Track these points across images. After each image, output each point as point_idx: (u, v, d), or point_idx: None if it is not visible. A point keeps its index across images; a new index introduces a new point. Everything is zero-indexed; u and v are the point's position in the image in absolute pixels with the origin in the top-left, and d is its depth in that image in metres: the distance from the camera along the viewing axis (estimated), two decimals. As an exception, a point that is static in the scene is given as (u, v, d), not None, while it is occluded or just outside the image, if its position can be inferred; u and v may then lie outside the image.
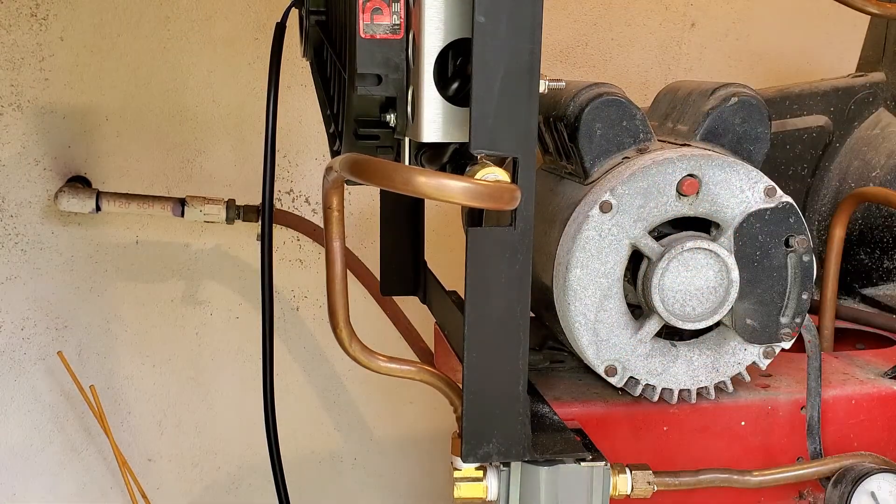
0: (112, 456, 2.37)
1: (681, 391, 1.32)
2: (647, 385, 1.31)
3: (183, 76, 2.42)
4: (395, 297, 2.20)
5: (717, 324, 1.30)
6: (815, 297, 1.58)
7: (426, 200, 1.39)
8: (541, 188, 1.36)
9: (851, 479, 1.27)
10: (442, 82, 1.06)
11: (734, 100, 1.34)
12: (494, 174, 1.01)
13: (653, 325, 1.27)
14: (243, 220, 2.34)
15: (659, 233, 1.28)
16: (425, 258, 1.73)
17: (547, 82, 1.07)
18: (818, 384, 1.33)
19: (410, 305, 2.18)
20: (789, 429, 1.38)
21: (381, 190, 1.58)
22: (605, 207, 1.24)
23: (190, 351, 2.56)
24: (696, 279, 1.25)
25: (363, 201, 2.46)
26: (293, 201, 2.54)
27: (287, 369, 2.59)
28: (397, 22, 1.08)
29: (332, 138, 1.39)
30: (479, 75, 1.01)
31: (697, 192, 1.25)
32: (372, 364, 1.18)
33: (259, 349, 1.84)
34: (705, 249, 1.24)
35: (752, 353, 1.32)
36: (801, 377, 1.38)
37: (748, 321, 1.28)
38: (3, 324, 2.45)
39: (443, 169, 1.14)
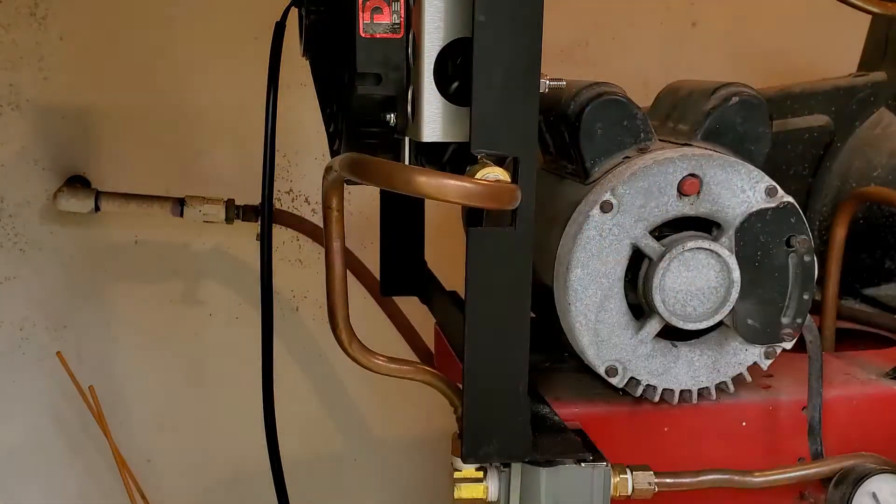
0: (112, 456, 2.37)
1: (682, 392, 1.32)
2: (649, 385, 1.30)
3: (182, 76, 2.42)
4: (395, 297, 2.19)
5: (719, 324, 1.29)
6: (817, 298, 1.58)
7: (426, 200, 1.39)
8: (541, 188, 1.35)
9: (853, 480, 1.27)
10: (442, 82, 1.06)
11: (735, 99, 1.33)
12: (495, 174, 1.01)
13: (654, 326, 1.27)
14: (243, 220, 2.34)
15: (660, 233, 1.28)
16: (425, 258, 1.73)
17: (547, 82, 1.07)
18: (819, 385, 1.33)
19: (410, 305, 2.18)
20: (791, 429, 1.38)
21: (381, 190, 1.57)
22: (606, 207, 1.24)
23: (190, 351, 2.56)
24: (697, 279, 1.25)
25: (363, 201, 2.46)
26: (293, 201, 2.54)
27: (287, 369, 2.59)
28: (397, 21, 1.07)
29: (332, 138, 1.39)
30: (479, 75, 1.01)
31: (698, 192, 1.25)
32: (372, 364, 1.18)
33: (259, 349, 1.84)
34: (706, 249, 1.24)
35: (754, 354, 1.32)
36: (803, 377, 1.37)
37: (749, 321, 1.28)
38: (2, 324, 2.44)
39: (443, 169, 1.14)
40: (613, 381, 1.29)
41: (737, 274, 1.25)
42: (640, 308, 1.30)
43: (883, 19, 1.93)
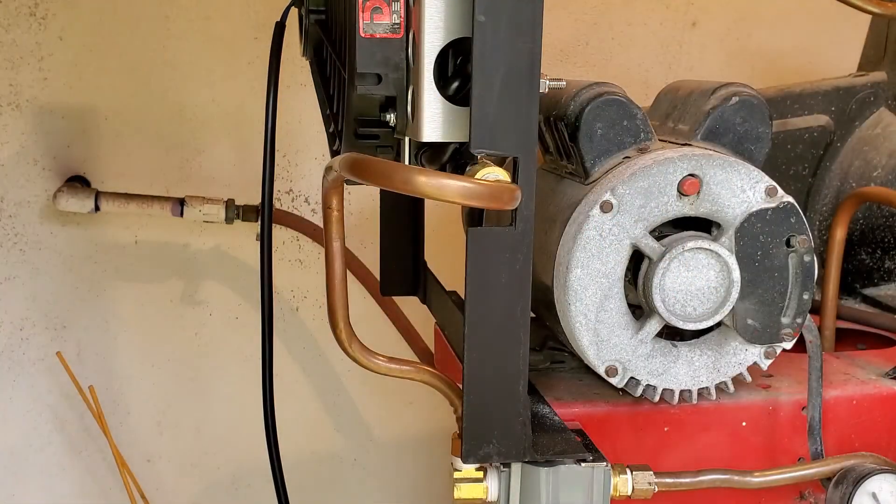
0: (112, 456, 2.37)
1: (682, 391, 1.32)
2: (648, 385, 1.30)
3: (182, 76, 2.42)
4: (395, 297, 2.19)
5: (719, 324, 1.29)
6: (817, 298, 1.58)
7: (426, 200, 1.39)
8: (541, 188, 1.36)
9: (852, 480, 1.26)
10: (442, 82, 1.06)
11: (735, 99, 1.33)
12: (495, 174, 1.01)
13: (654, 326, 1.27)
14: (243, 220, 2.34)
15: (660, 233, 1.28)
16: (425, 258, 1.73)
17: (547, 82, 1.07)
18: (819, 384, 1.33)
19: (410, 305, 2.18)
20: (790, 429, 1.38)
21: (380, 190, 1.57)
22: (606, 207, 1.24)
23: (189, 351, 2.56)
24: (697, 279, 1.25)
25: (363, 201, 2.46)
26: (293, 201, 2.54)
27: (287, 369, 2.59)
28: (397, 21, 1.07)
29: (332, 138, 1.39)
30: (479, 75, 1.01)
31: (698, 192, 1.25)
32: (371, 364, 1.17)
33: (259, 349, 1.84)
34: (706, 249, 1.24)
35: (754, 354, 1.32)
36: (803, 377, 1.37)
37: (749, 321, 1.28)
38: (2, 324, 2.44)
39: (443, 169, 1.14)
40: (613, 381, 1.29)
41: (737, 274, 1.25)
42: (639, 308, 1.30)
43: (883, 19, 1.93)
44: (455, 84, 1.06)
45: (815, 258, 1.29)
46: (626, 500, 1.20)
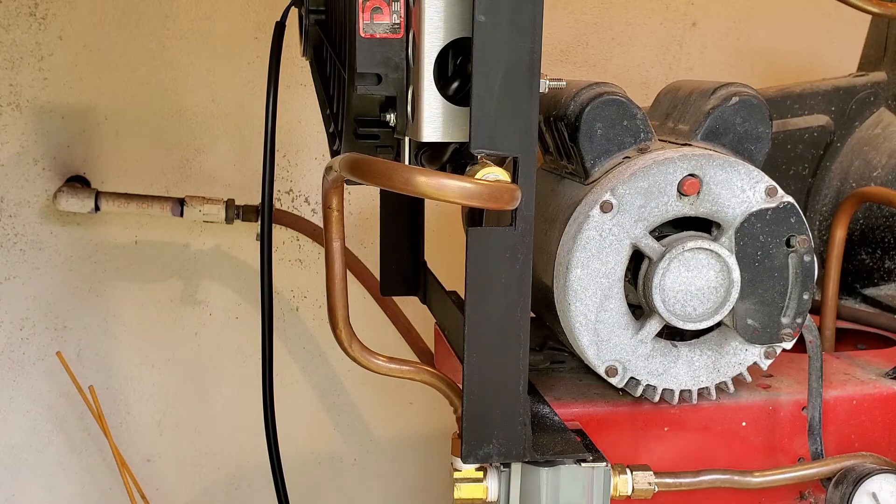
0: (112, 456, 2.37)
1: (682, 391, 1.32)
2: (648, 385, 1.30)
3: (182, 75, 2.42)
4: (395, 297, 2.19)
5: (719, 324, 1.29)
6: (817, 298, 1.58)
7: (426, 200, 1.39)
8: (541, 188, 1.36)
9: (852, 480, 1.27)
10: (442, 82, 1.06)
11: (735, 99, 1.33)
12: (495, 174, 1.01)
13: (654, 326, 1.27)
14: (243, 220, 2.34)
15: (660, 233, 1.28)
16: (425, 258, 1.73)
17: (547, 82, 1.07)
18: (819, 384, 1.33)
19: (410, 305, 2.18)
20: (790, 429, 1.38)
21: (380, 190, 1.57)
22: (606, 207, 1.24)
23: (189, 351, 2.56)
24: (697, 279, 1.25)
25: (363, 201, 2.46)
26: (293, 201, 2.54)
27: (287, 369, 2.59)
28: (397, 21, 1.07)
29: (332, 138, 1.39)
30: (479, 75, 1.01)
31: (698, 192, 1.25)
32: (371, 364, 1.18)
33: (258, 349, 1.84)
34: (706, 249, 1.24)
35: (754, 354, 1.32)
36: (803, 378, 1.37)
37: (749, 321, 1.28)
38: (2, 324, 2.44)
39: (443, 169, 1.14)
40: (613, 381, 1.29)
41: (737, 274, 1.25)
42: (639, 308, 1.30)
43: (883, 19, 1.93)
44: (455, 84, 1.06)
45: (815, 258, 1.29)
46: (626, 500, 1.20)
